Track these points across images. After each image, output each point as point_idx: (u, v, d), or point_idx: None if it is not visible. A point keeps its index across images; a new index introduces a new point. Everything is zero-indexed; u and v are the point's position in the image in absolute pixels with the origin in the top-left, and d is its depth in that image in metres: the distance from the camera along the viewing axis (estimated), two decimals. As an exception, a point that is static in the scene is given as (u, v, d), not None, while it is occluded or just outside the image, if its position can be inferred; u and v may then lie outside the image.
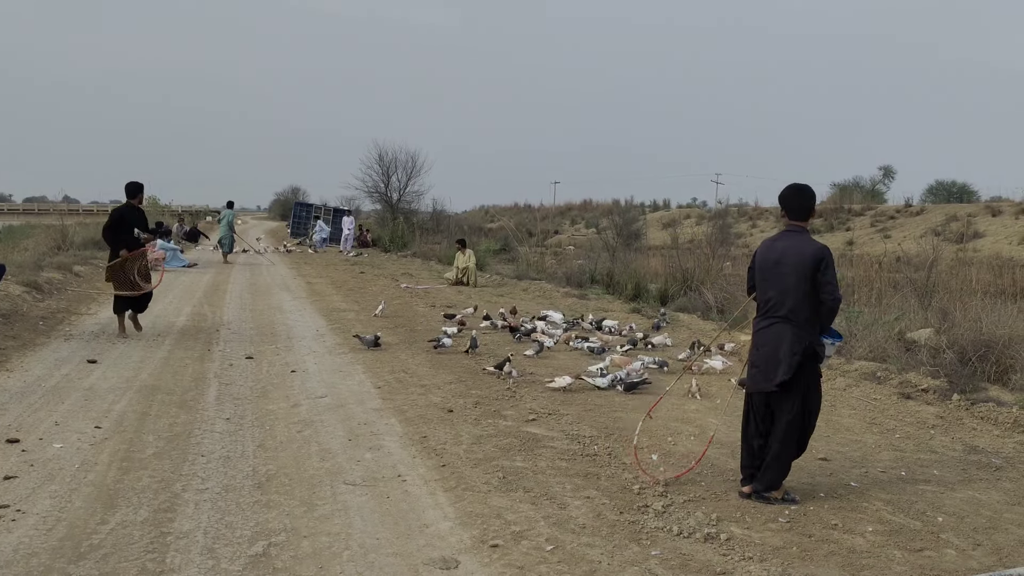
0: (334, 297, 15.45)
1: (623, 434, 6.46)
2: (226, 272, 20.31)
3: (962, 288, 13.23)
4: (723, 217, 48.47)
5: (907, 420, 7.19)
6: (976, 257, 30.26)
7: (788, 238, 5.11)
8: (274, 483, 5.14)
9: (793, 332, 4.94)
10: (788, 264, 4.98)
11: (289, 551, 4.15)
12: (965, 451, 6.34)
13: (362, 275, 20.54)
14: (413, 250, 30.35)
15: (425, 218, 41.53)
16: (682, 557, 4.19)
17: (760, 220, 55.88)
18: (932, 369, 8.44)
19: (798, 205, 5.16)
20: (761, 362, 5.09)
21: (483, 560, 4.09)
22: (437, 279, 19.65)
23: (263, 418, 6.64)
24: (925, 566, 4.17)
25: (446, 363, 9.14)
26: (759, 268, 5.21)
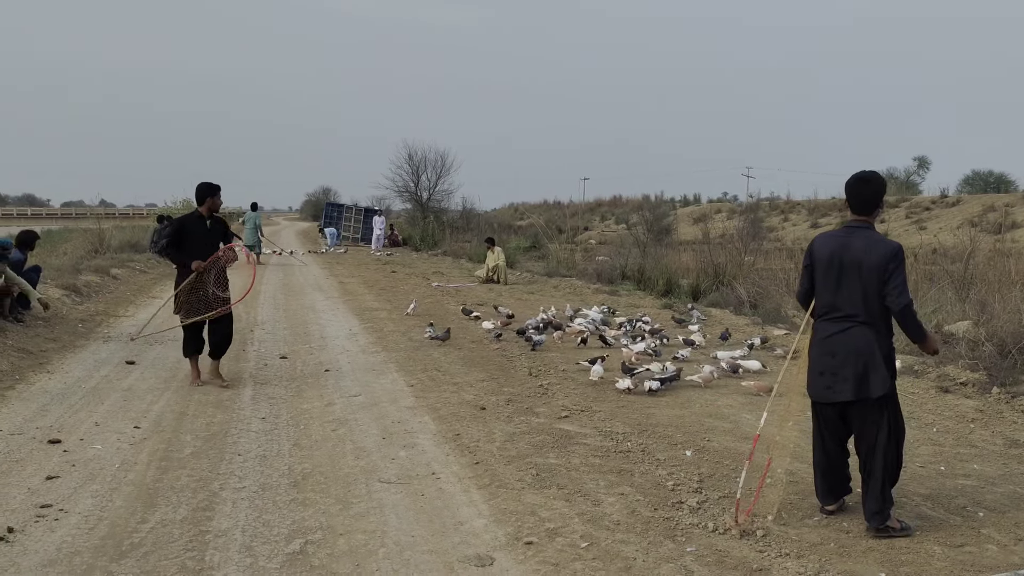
0: (366, 296, 15.55)
1: (656, 430, 6.43)
2: (259, 273, 20.48)
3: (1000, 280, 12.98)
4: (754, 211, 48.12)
5: (945, 414, 7.08)
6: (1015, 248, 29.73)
7: (853, 234, 4.58)
8: (310, 481, 5.19)
9: (875, 337, 4.47)
10: (859, 264, 4.48)
11: (326, 549, 4.19)
12: (1006, 445, 6.23)
13: (393, 274, 20.65)
14: (443, 249, 30.45)
15: (455, 217, 41.62)
16: (718, 554, 4.16)
17: (792, 214, 55.36)
18: (971, 362, 8.31)
19: (861, 197, 4.62)
20: (837, 369, 4.53)
21: (518, 557, 4.10)
22: (468, 277, 19.70)
23: (298, 417, 6.71)
24: (966, 562, 4.11)
25: (479, 361, 9.16)
26: (821, 267, 4.66)
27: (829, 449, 4.73)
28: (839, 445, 4.73)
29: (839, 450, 4.73)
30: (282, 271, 21.40)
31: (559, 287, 17.92)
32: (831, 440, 4.73)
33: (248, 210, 25.42)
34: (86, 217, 43.99)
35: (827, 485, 4.75)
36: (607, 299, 15.28)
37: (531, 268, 22.63)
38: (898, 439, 4.56)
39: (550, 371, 8.64)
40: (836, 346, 4.57)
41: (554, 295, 16.34)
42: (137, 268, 18.94)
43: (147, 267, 19.62)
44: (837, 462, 4.73)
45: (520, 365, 8.91)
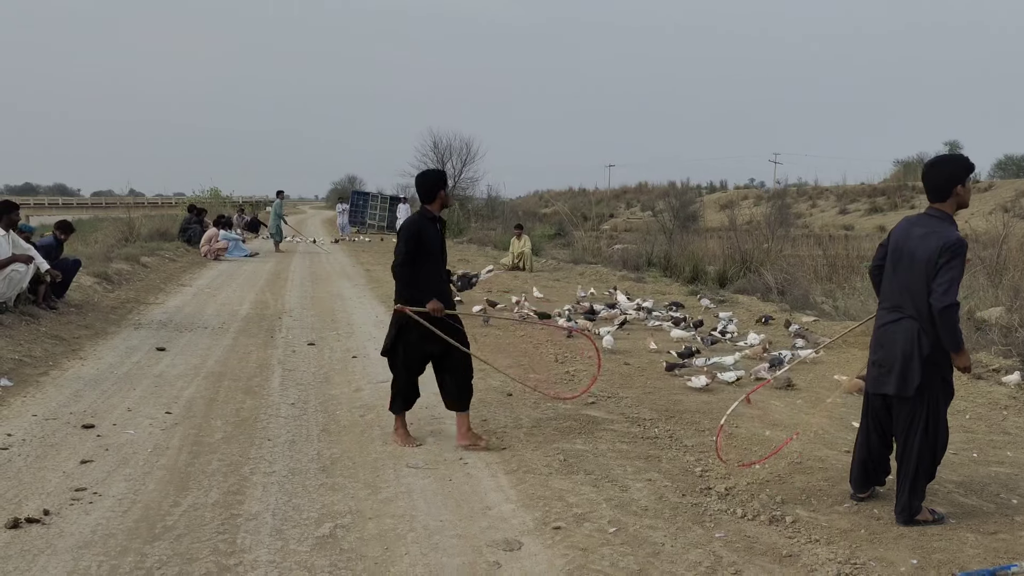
0: (393, 284, 15.56)
1: (683, 416, 6.41)
2: (286, 261, 20.67)
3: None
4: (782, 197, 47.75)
5: (978, 401, 6.99)
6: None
7: (920, 222, 4.41)
8: (338, 466, 5.22)
9: (920, 332, 4.29)
10: (913, 253, 4.32)
11: (355, 533, 4.22)
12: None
13: (419, 262, 20.67)
14: (469, 236, 30.47)
15: (480, 204, 41.64)
16: (747, 540, 4.14)
17: (820, 200, 54.87)
18: (1004, 348, 8.19)
19: (931, 183, 4.41)
20: (885, 362, 4.43)
21: (546, 542, 4.11)
22: (496, 265, 19.70)
23: (326, 403, 6.75)
24: (999, 549, 4.06)
25: (505, 347, 9.18)
26: (891, 252, 4.49)
27: (872, 441, 4.63)
28: (882, 438, 4.61)
29: (881, 443, 4.62)
30: (309, 259, 21.53)
31: (584, 274, 17.87)
32: (875, 432, 4.61)
33: (275, 198, 25.58)
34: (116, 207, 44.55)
35: (863, 475, 4.69)
36: (633, 286, 15.23)
37: (556, 255, 22.59)
38: (936, 438, 4.39)
39: (576, 358, 8.63)
40: (885, 337, 4.47)
41: (580, 281, 16.30)
42: (167, 256, 19.13)
43: (176, 255, 19.81)
44: (877, 455, 4.64)
45: (546, 351, 8.91)
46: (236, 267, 18.54)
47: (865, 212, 49.25)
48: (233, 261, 20.07)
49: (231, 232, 22.63)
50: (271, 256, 22.09)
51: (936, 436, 4.41)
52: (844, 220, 47.36)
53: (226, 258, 20.40)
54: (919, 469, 4.35)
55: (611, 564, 3.87)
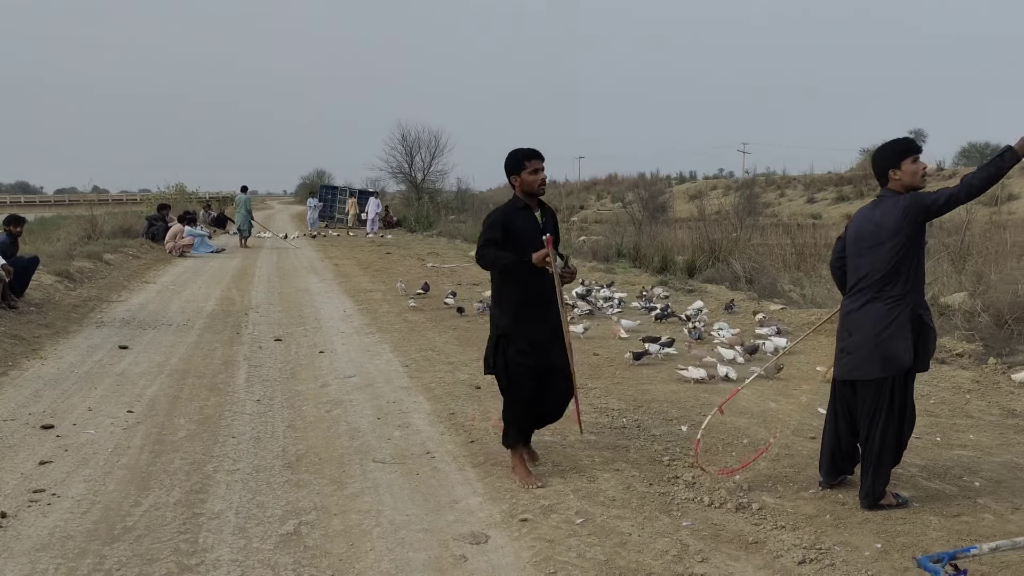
0: (361, 278, 15.50)
1: (651, 406, 6.42)
2: (253, 257, 20.46)
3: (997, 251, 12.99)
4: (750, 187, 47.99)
5: (942, 385, 7.07)
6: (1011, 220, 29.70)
7: (878, 206, 4.46)
8: (304, 462, 5.16)
9: (887, 316, 4.30)
10: (877, 231, 4.35)
11: (320, 529, 4.17)
12: (1002, 415, 6.22)
13: (388, 255, 20.59)
14: (439, 229, 30.36)
15: (450, 197, 41.50)
16: (713, 527, 4.15)
17: (788, 189, 55.30)
18: (967, 333, 8.29)
19: (875, 169, 4.55)
20: (854, 348, 4.42)
21: (513, 534, 4.09)
22: (463, 257, 19.64)
23: (292, 399, 6.68)
24: (962, 531, 4.09)
25: (473, 340, 9.13)
26: (851, 240, 4.53)
27: (840, 429, 4.61)
28: (850, 426, 4.58)
29: (850, 431, 4.58)
30: (276, 254, 21.33)
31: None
32: (844, 420, 4.59)
33: (239, 193, 25.17)
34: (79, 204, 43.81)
35: (832, 464, 4.67)
36: (602, 277, 15.25)
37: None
38: (901, 423, 4.41)
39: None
40: (853, 323, 4.47)
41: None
42: (130, 253, 18.83)
43: (140, 252, 19.52)
44: (847, 444, 4.61)
45: (515, 344, 8.87)
46: (202, 263, 18.32)
47: (832, 201, 49.73)
48: (199, 257, 19.83)
49: (197, 228, 22.35)
50: (238, 252, 21.85)
51: (902, 420, 4.43)
52: (812, 209, 47.80)
53: (192, 254, 20.16)
54: (883, 454, 4.36)
55: (578, 555, 3.85)
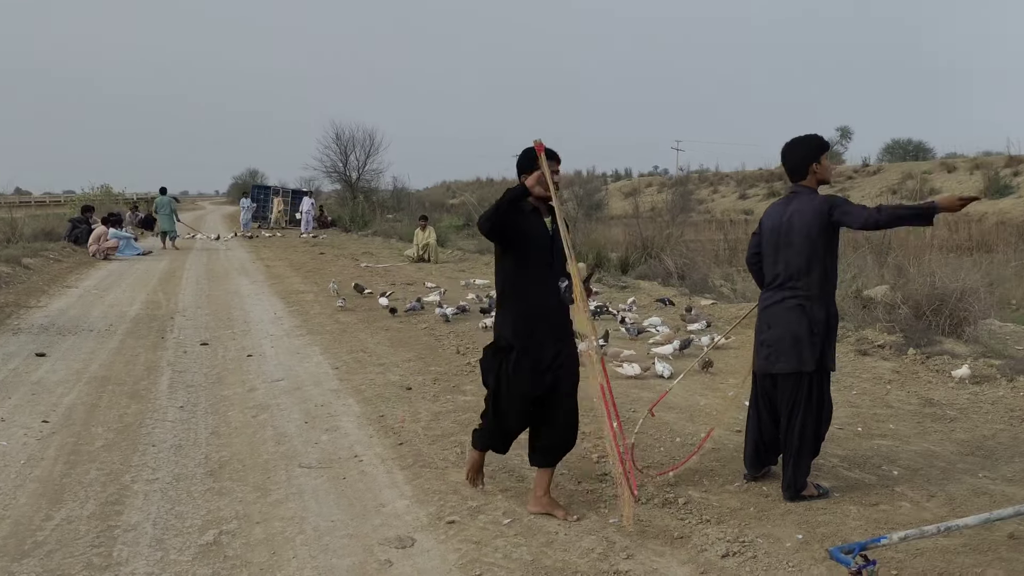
0: (293, 279, 15.24)
1: (582, 404, 6.40)
2: (182, 259, 19.96)
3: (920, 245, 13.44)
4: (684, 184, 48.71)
5: (864, 376, 7.24)
6: (933, 214, 30.61)
7: (792, 201, 4.51)
8: (227, 470, 5.03)
9: (807, 310, 4.38)
10: (796, 230, 4.39)
11: (241, 538, 4.06)
12: (920, 404, 6.39)
13: (322, 256, 20.30)
14: (374, 229, 30.09)
15: (386, 196, 41.12)
16: (640, 524, 4.16)
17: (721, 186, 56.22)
18: (888, 325, 8.52)
19: (789, 162, 4.56)
20: (774, 342, 4.48)
21: (439, 537, 4.04)
22: (398, 257, 19.50)
23: (217, 404, 6.51)
24: (880, 519, 4.19)
25: (406, 340, 9.06)
26: (766, 236, 4.58)
27: (764, 422, 4.66)
28: (773, 418, 4.63)
29: (772, 424, 4.63)
30: (207, 256, 20.85)
31: (490, 264, 17.82)
32: (766, 412, 4.65)
33: (158, 195, 24.12)
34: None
35: (756, 456, 4.73)
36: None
37: (463, 246, 22.50)
38: (820, 415, 4.48)
39: (478, 349, 8.57)
40: (772, 317, 4.52)
41: (485, 272, 16.26)
42: (51, 257, 18.22)
43: (62, 255, 18.91)
44: (770, 436, 4.65)
45: (448, 344, 8.83)
46: (127, 266, 17.80)
47: (764, 196, 50.71)
48: (124, 260, 19.27)
49: (122, 230, 21.72)
50: (165, 254, 21.30)
51: (820, 412, 4.51)
52: (744, 205, 48.71)
53: (117, 257, 19.58)
54: (803, 446, 4.43)
55: (504, 556, 3.83)
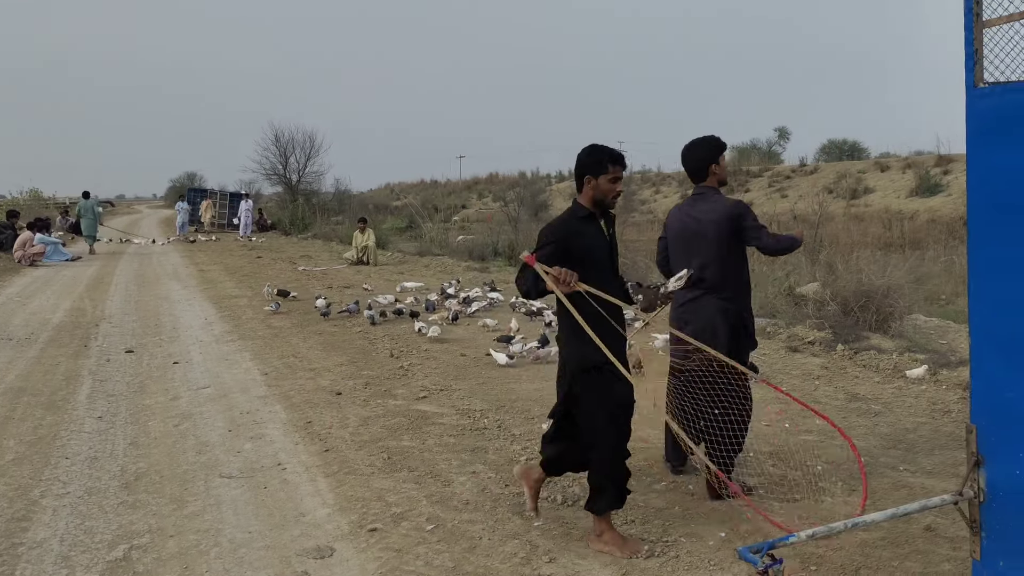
0: (227, 284, 14.91)
1: (515, 405, 6.38)
2: (112, 264, 19.41)
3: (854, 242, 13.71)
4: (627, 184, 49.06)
5: (794, 372, 7.33)
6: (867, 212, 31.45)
7: (696, 202, 4.64)
8: (143, 482, 4.86)
9: (721, 305, 4.52)
10: (703, 229, 4.52)
11: (152, 553, 3.91)
12: (847, 399, 6.48)
13: (259, 260, 19.94)
14: (314, 232, 29.71)
15: (327, 198, 40.61)
16: (565, 526, 4.12)
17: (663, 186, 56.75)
18: (818, 321, 8.66)
19: (690, 164, 4.68)
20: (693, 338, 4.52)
21: (360, 546, 3.94)
22: (337, 260, 19.25)
23: (138, 414, 6.30)
24: (802, 515, 4.21)
25: (339, 344, 8.91)
26: (673, 238, 4.71)
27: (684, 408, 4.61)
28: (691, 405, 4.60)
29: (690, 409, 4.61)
30: (138, 261, 20.31)
31: (430, 265, 17.74)
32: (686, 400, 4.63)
33: (81, 199, 23.29)
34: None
35: (676, 448, 4.77)
36: (477, 276, 15.22)
37: (403, 248, 22.34)
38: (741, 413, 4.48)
39: (412, 351, 8.48)
40: (689, 314, 4.59)
41: (424, 273, 16.16)
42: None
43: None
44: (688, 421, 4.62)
45: (382, 347, 8.71)
46: (54, 272, 17.23)
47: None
48: (52, 266, 18.66)
49: (49, 235, 21.05)
50: (95, 260, 20.70)
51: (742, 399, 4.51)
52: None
53: (44, 263, 18.95)
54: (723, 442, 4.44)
55: (425, 563, 3.75)
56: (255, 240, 27.70)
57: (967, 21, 2.50)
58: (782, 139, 59.91)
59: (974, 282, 2.65)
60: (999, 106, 2.49)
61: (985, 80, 2.56)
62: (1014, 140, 2.45)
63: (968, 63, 2.54)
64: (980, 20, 2.51)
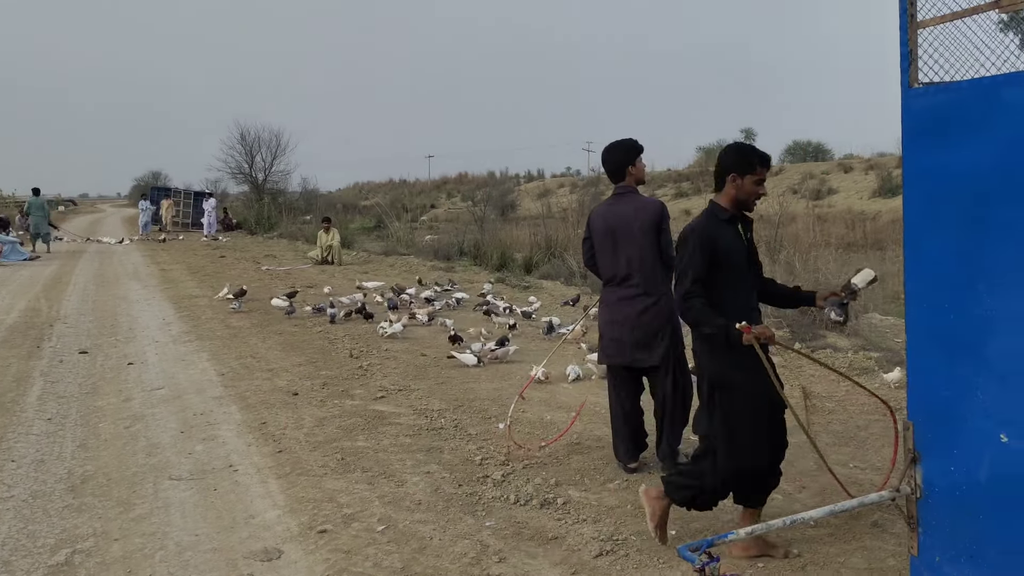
0: (188, 284, 14.73)
1: (472, 405, 6.37)
2: (72, 263, 19.09)
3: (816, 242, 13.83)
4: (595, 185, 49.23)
5: (751, 371, 7.37)
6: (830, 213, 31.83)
7: (624, 201, 4.79)
8: (90, 485, 4.77)
9: (653, 302, 4.67)
10: (630, 228, 4.69)
11: (96, 557, 3.84)
12: (802, 397, 6.53)
13: (222, 259, 19.72)
14: (280, 231, 29.46)
15: (294, 198, 40.29)
16: (516, 525, 4.11)
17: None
18: (776, 320, 8.73)
19: (609, 165, 4.87)
20: (620, 336, 4.72)
21: (308, 548, 3.90)
22: (301, 259, 19.09)
23: (89, 416, 6.19)
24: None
25: (299, 344, 8.83)
26: (601, 237, 4.83)
27: (628, 410, 4.86)
28: (635, 404, 4.89)
29: (635, 408, 4.88)
30: (99, 260, 20.00)
31: (395, 265, 17.66)
32: (628, 401, 4.87)
33: (31, 197, 22.84)
34: None
35: (625, 445, 4.87)
36: (441, 276, 15.18)
37: (369, 248, 22.22)
38: (684, 389, 4.75)
39: (372, 351, 8.43)
40: (619, 313, 4.75)
41: (389, 273, 16.08)
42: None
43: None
44: (634, 420, 4.87)
45: (342, 347, 8.64)
46: (11, 272, 16.89)
47: (672, 196, 51.70)
48: (9, 266, 18.30)
49: (6, 234, 20.66)
50: (55, 258, 20.35)
51: (684, 386, 4.76)
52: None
53: (2, 262, 18.59)
54: (676, 419, 4.73)
55: (374, 564, 3.72)
56: (220, 239, 27.41)
57: (902, 22, 2.53)
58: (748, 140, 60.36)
59: (910, 281, 2.68)
60: (933, 106, 2.52)
61: (920, 80, 2.59)
62: (947, 140, 2.48)
63: (903, 63, 2.57)
64: (915, 21, 2.53)
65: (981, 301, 2.47)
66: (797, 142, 58.01)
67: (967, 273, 2.50)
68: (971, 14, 2.44)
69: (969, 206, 2.47)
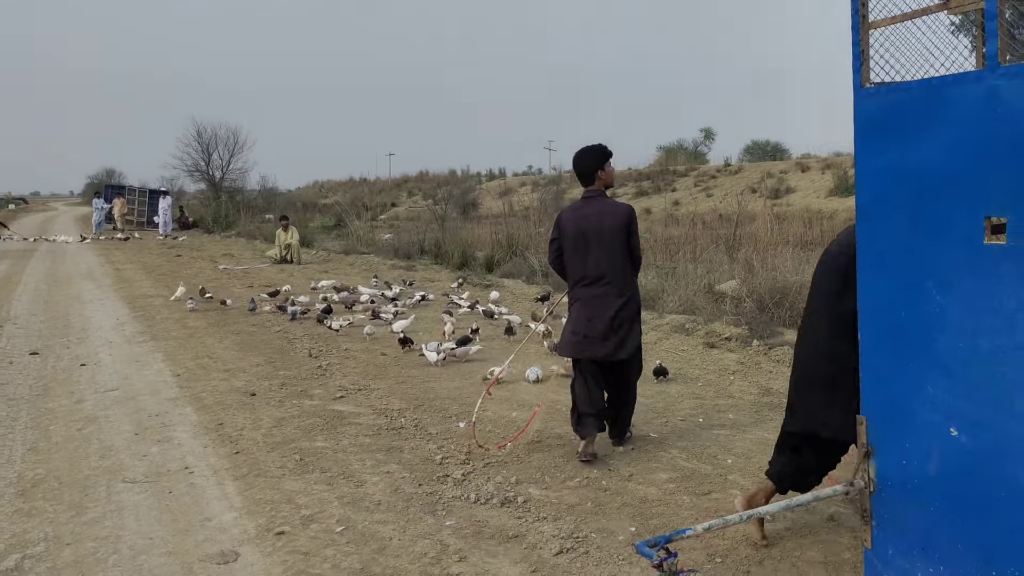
0: (143, 283, 14.48)
1: (433, 404, 6.34)
2: (23, 262, 18.68)
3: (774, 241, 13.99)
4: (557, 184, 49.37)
5: (710, 368, 7.45)
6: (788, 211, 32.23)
7: (593, 204, 5.02)
8: (41, 488, 4.67)
9: (625, 301, 4.96)
10: (601, 229, 4.92)
11: (47, 562, 3.76)
12: (760, 394, 6.62)
13: (178, 258, 19.43)
14: (238, 230, 29.10)
15: (252, 196, 39.85)
16: (476, 524, 4.10)
17: (592, 185, 57.32)
18: (735, 318, 8.82)
19: (579, 169, 5.09)
20: (594, 332, 4.94)
21: (266, 550, 3.85)
22: (259, 259, 18.88)
23: (40, 418, 6.06)
24: (710, 508, 4.28)
25: (257, 344, 8.73)
26: (575, 238, 5.00)
27: (594, 395, 5.06)
28: (601, 389, 5.11)
29: (600, 391, 5.10)
30: (51, 259, 19.58)
31: (355, 264, 17.54)
32: (596, 387, 5.08)
33: None
34: None
35: (591, 421, 5.02)
36: (402, 274, 15.11)
37: (329, 246, 22.04)
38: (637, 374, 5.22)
39: (332, 351, 8.36)
40: (596, 309, 4.96)
41: (348, 272, 15.96)
42: None
43: None
44: (599, 404, 5.07)
45: (300, 347, 8.56)
46: (-40, 272, 16.51)
47: (633, 196, 52.02)
48: (-42, 265, 17.87)
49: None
50: (5, 258, 19.89)
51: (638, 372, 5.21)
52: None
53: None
54: (631, 406, 5.23)
55: (333, 566, 3.68)
56: (177, 239, 26.99)
57: (853, 22, 2.57)
58: (708, 140, 61.04)
59: (861, 277, 2.72)
60: (883, 105, 2.56)
61: (872, 80, 2.63)
62: (897, 139, 2.52)
63: (855, 63, 2.60)
64: (866, 21, 2.57)
65: (931, 298, 2.52)
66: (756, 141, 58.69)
67: (917, 271, 2.54)
68: (921, 15, 2.48)
69: (918, 204, 2.51)
